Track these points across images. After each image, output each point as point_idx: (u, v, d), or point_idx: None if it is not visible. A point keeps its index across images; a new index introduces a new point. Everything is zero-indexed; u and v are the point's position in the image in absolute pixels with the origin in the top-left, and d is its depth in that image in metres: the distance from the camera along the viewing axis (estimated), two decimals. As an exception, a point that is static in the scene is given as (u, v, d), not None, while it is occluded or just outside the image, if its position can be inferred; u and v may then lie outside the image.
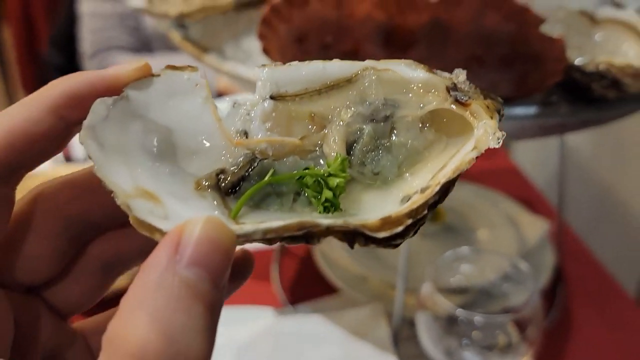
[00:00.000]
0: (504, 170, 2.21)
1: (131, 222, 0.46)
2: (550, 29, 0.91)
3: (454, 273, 1.43)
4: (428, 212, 0.49)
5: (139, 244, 0.60)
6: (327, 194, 0.52)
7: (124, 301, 0.40)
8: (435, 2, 0.89)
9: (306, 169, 0.54)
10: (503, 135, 0.50)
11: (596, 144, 2.28)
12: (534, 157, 2.38)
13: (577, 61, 0.94)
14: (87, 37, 2.81)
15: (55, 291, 0.59)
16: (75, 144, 1.97)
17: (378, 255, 1.72)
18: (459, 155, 0.51)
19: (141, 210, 0.46)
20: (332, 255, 1.69)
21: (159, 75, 0.54)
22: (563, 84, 0.96)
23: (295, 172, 0.54)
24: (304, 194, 0.54)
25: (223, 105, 0.57)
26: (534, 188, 2.13)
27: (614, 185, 2.19)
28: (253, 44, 1.38)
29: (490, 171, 2.15)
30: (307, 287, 1.67)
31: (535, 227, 1.78)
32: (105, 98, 0.50)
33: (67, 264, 0.59)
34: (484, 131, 0.50)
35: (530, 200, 2.02)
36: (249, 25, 1.44)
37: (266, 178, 0.53)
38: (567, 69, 0.92)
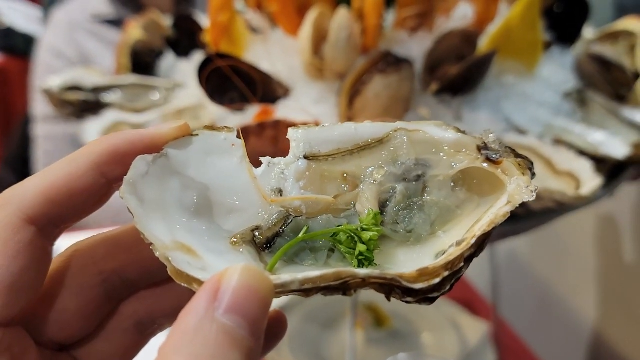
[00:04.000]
0: None
1: (169, 272, 0.47)
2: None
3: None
4: (465, 265, 0.49)
5: (173, 303, 0.61)
6: (361, 247, 0.53)
7: (162, 348, 0.40)
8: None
9: (339, 226, 0.55)
10: (536, 189, 0.51)
11: (534, 243, 2.31)
12: (474, 261, 2.39)
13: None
14: (41, 159, 2.84)
15: (87, 350, 0.59)
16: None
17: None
18: (493, 209, 0.52)
19: (180, 261, 0.47)
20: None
21: (197, 135, 0.56)
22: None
23: (329, 229, 0.55)
24: (338, 250, 0.55)
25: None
26: (473, 290, 2.16)
27: (553, 282, 2.20)
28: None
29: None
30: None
31: (476, 329, 1.81)
32: (146, 155, 0.53)
33: (100, 323, 0.59)
34: (517, 185, 0.51)
35: (471, 302, 2.04)
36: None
37: (301, 234, 0.54)
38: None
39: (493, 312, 1.82)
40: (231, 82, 1.22)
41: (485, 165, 0.54)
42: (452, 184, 0.56)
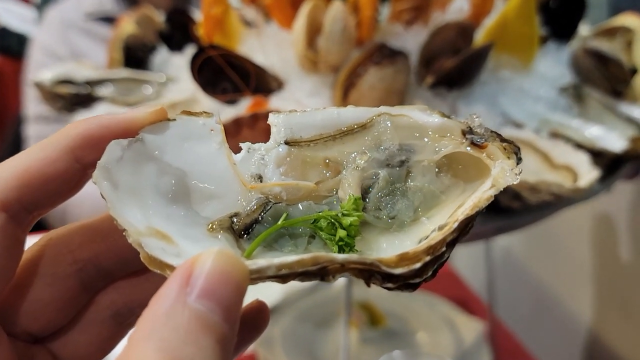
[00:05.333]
0: (440, 272, 2.20)
1: (142, 259, 0.46)
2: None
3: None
4: (447, 250, 0.48)
5: (151, 293, 0.58)
6: (341, 233, 0.52)
7: (133, 333, 0.39)
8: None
9: (320, 212, 0.54)
10: (520, 172, 0.50)
11: (530, 241, 2.30)
12: (468, 259, 2.39)
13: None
14: None
15: (63, 342, 0.58)
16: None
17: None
18: (477, 193, 0.50)
19: (153, 248, 0.46)
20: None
21: (174, 120, 0.55)
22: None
23: (309, 215, 0.54)
24: (318, 237, 0.54)
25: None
26: (468, 289, 2.15)
27: (549, 281, 2.20)
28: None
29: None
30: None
31: (471, 328, 1.81)
32: (121, 140, 0.51)
33: (76, 314, 0.58)
34: (501, 169, 0.50)
35: (466, 301, 2.04)
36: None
37: (280, 221, 0.53)
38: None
39: (488, 311, 1.82)
40: (224, 73, 1.21)
41: (469, 149, 0.53)
42: (437, 169, 0.55)
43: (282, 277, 0.46)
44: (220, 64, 1.20)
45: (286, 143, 0.56)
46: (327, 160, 0.56)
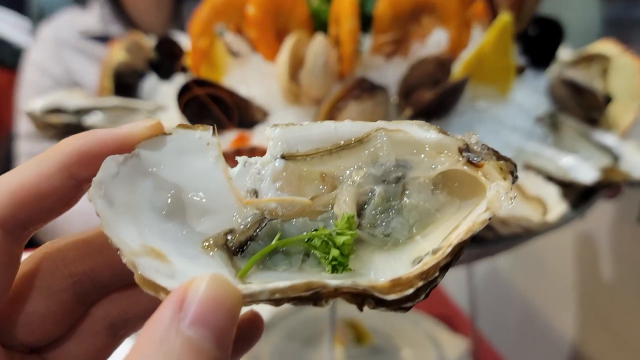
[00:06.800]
0: None
1: (136, 280, 0.43)
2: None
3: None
4: (440, 275, 0.46)
5: (145, 305, 0.57)
6: (334, 252, 0.49)
7: (126, 358, 0.38)
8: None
9: (315, 230, 0.51)
10: (515, 196, 0.47)
11: (514, 259, 2.29)
12: (453, 275, 2.39)
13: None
14: None
15: (58, 352, 0.55)
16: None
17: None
18: (471, 216, 0.48)
19: (147, 268, 0.44)
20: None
21: (170, 134, 0.51)
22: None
23: (303, 234, 0.51)
24: (313, 254, 0.51)
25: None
26: (453, 306, 2.13)
27: (533, 298, 2.18)
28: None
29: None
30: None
31: (455, 345, 1.79)
32: (116, 155, 0.48)
33: (72, 325, 0.55)
34: (497, 192, 0.47)
35: (451, 317, 2.02)
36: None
37: (274, 242, 0.50)
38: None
39: (472, 329, 1.79)
40: (209, 108, 1.18)
41: (466, 168, 0.50)
42: (433, 187, 0.52)
43: (275, 301, 0.44)
44: (205, 101, 1.17)
45: (283, 157, 0.53)
46: (324, 175, 0.53)
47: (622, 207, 1.64)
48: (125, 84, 1.53)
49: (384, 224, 0.52)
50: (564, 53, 1.53)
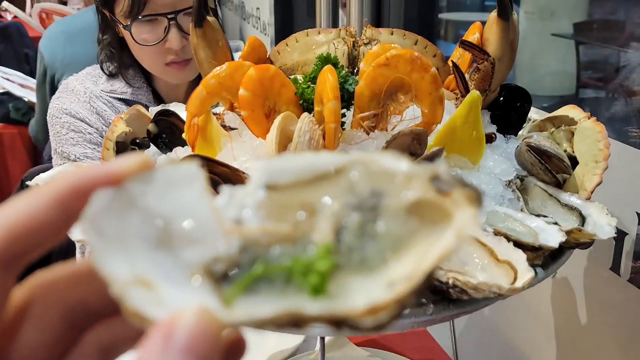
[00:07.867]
0: (410, 331, 2.19)
1: (123, 312, 0.44)
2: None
3: None
4: (412, 298, 0.47)
5: (136, 327, 0.56)
6: (314, 278, 0.50)
7: None
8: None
9: (296, 256, 0.52)
10: (481, 223, 0.48)
11: (498, 303, 2.25)
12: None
13: (437, 274, 1.06)
14: None
15: None
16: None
17: None
18: (440, 244, 0.49)
19: (135, 298, 0.44)
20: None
21: (158, 170, 0.53)
22: (429, 287, 1.08)
23: (284, 261, 0.52)
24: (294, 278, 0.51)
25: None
26: (437, 348, 2.11)
27: (514, 340, 2.16)
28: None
29: (402, 336, 2.17)
30: None
31: None
32: (106, 189, 0.49)
33: (64, 351, 0.55)
34: (462, 219, 0.48)
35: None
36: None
37: (255, 270, 0.51)
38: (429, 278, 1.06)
39: None
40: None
41: (434, 196, 0.51)
42: (405, 213, 0.53)
43: (258, 327, 0.45)
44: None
45: (266, 187, 0.54)
46: (304, 204, 0.54)
47: (597, 256, 1.67)
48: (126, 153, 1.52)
49: (359, 249, 0.52)
50: (536, 113, 1.58)
